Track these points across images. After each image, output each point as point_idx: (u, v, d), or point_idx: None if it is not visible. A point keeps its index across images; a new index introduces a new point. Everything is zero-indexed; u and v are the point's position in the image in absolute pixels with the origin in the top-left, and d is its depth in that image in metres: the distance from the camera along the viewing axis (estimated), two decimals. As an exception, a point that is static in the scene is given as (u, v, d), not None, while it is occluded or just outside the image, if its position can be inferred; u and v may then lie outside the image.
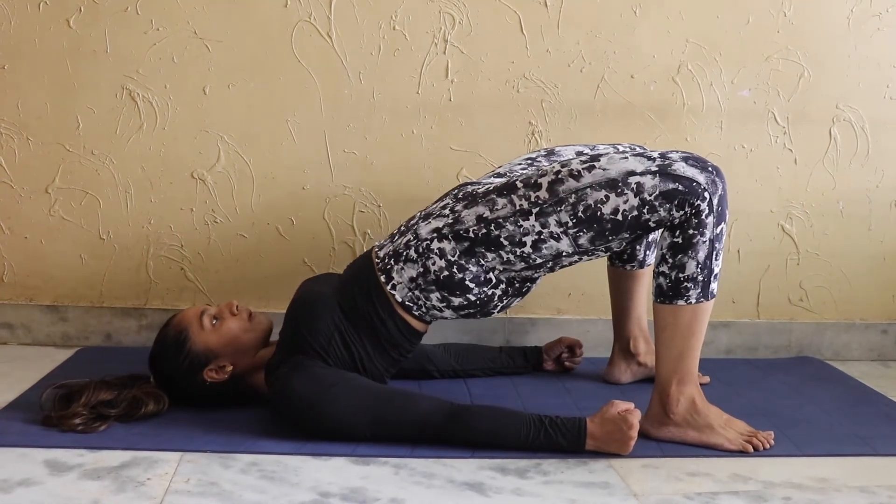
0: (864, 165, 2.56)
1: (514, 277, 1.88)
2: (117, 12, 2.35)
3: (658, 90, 2.48)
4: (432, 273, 1.85)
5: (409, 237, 1.90)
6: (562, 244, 1.82)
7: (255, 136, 2.42)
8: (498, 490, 1.63)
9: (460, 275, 1.85)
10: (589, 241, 1.82)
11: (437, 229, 1.87)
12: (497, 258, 1.84)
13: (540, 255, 1.84)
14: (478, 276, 1.85)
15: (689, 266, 1.80)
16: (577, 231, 1.80)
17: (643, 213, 1.78)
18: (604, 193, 1.79)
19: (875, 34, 2.51)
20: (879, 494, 1.66)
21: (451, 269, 1.85)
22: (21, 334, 2.45)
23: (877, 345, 2.63)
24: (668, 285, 1.82)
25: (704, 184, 1.77)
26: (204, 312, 1.93)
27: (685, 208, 1.77)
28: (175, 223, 2.44)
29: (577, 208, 1.80)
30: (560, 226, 1.81)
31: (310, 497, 1.57)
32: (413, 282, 1.87)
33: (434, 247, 1.85)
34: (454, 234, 1.85)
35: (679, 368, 1.83)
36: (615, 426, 1.76)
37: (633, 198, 1.78)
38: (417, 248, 1.87)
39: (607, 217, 1.79)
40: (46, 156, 2.40)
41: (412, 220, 1.95)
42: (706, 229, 1.79)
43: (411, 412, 1.78)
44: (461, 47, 2.42)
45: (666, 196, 1.77)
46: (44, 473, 1.62)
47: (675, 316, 1.82)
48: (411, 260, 1.87)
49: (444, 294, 1.86)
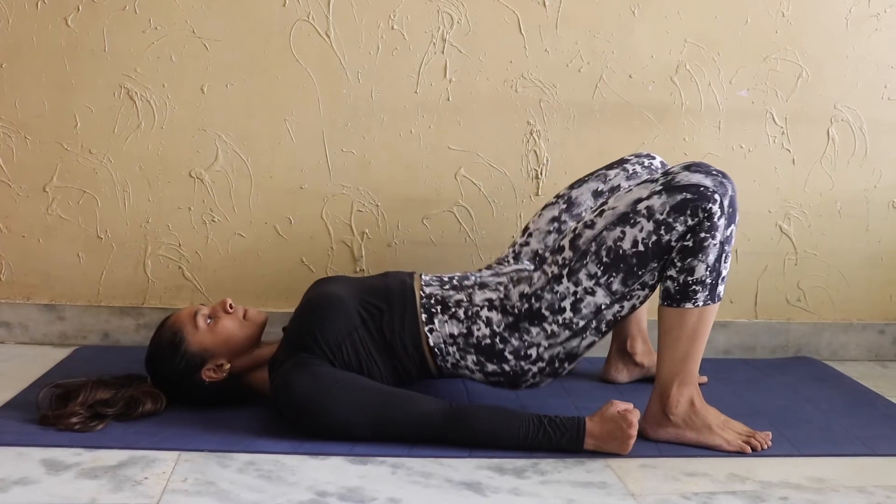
0: (862, 166, 2.56)
1: (558, 354, 1.87)
2: (115, 11, 2.35)
3: (656, 90, 2.48)
4: (475, 337, 1.87)
5: (461, 297, 1.91)
6: (598, 297, 1.82)
7: (253, 135, 2.42)
8: (495, 490, 1.63)
9: (501, 346, 1.87)
10: (622, 284, 1.81)
11: (489, 300, 1.89)
12: (541, 332, 1.85)
13: (581, 316, 1.84)
14: (518, 350, 1.86)
15: (699, 269, 1.79)
16: (608, 278, 1.81)
17: (662, 236, 1.78)
18: (619, 230, 1.80)
19: (873, 35, 2.51)
20: (877, 494, 1.66)
21: (494, 338, 1.87)
22: (18, 333, 2.45)
23: (874, 345, 2.63)
24: (676, 289, 1.81)
25: (712, 186, 1.77)
26: (198, 312, 1.92)
27: (698, 214, 1.76)
28: (173, 222, 2.44)
29: (600, 255, 1.80)
30: (591, 278, 1.81)
31: (307, 496, 1.57)
32: (453, 338, 1.88)
33: (483, 314, 1.88)
34: (502, 308, 1.87)
35: (682, 370, 1.83)
36: (615, 425, 1.76)
37: (647, 223, 1.78)
38: (467, 312, 1.89)
39: (630, 252, 1.79)
40: (44, 155, 2.40)
41: (467, 282, 1.96)
42: (717, 231, 1.78)
43: (411, 412, 1.78)
44: (459, 47, 2.42)
45: (677, 209, 1.76)
46: (41, 472, 1.62)
47: (682, 319, 1.81)
48: (458, 319, 1.88)
49: (480, 358, 1.88)
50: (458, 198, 2.48)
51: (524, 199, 2.49)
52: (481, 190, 2.48)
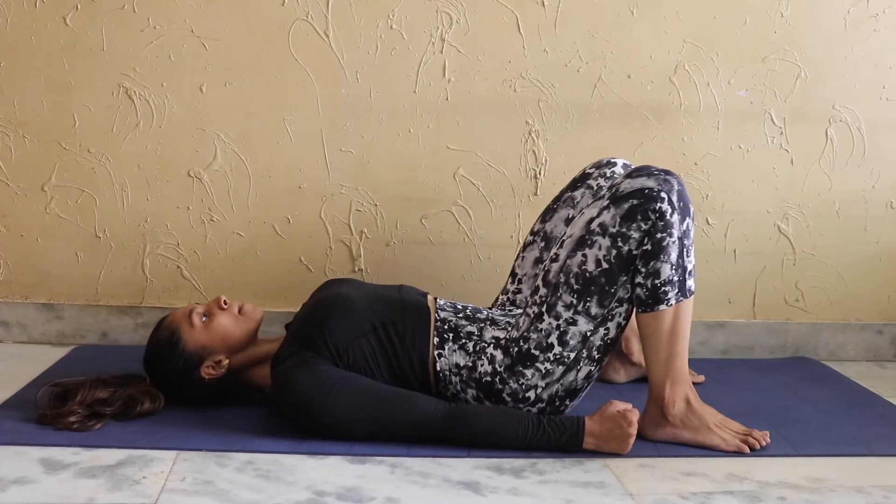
0: (861, 166, 2.56)
1: (557, 392, 1.88)
2: (114, 10, 2.35)
3: (655, 90, 2.48)
4: (478, 372, 1.88)
5: (473, 329, 1.91)
6: (580, 325, 1.83)
7: (251, 134, 2.42)
8: (494, 489, 1.63)
9: (500, 386, 1.87)
10: (598, 306, 1.82)
11: (496, 338, 1.90)
12: (536, 373, 1.85)
13: (570, 348, 1.84)
14: (516, 392, 1.86)
15: (664, 270, 1.80)
16: (584, 304, 1.82)
17: (621, 247, 1.79)
18: (580, 255, 1.82)
19: (872, 35, 2.51)
20: (874, 494, 1.67)
21: (495, 377, 1.87)
22: (17, 332, 2.45)
23: (872, 345, 2.63)
24: (647, 294, 1.82)
25: (656, 186, 1.78)
26: (193, 311, 1.92)
27: (649, 217, 1.78)
28: (171, 221, 2.44)
29: (570, 283, 1.82)
30: (568, 308, 1.82)
31: (305, 496, 1.57)
32: (458, 368, 1.89)
33: (489, 352, 1.88)
34: (504, 349, 1.87)
35: (670, 370, 1.84)
36: (615, 424, 1.76)
37: (604, 239, 1.80)
38: (476, 346, 1.89)
39: (595, 272, 1.81)
40: (43, 154, 2.40)
41: (480, 315, 1.97)
42: (673, 228, 1.79)
43: (410, 412, 1.78)
44: (458, 47, 2.42)
45: (627, 217, 1.78)
46: (39, 472, 1.62)
47: (658, 321, 1.82)
48: (466, 350, 1.89)
49: (480, 395, 1.88)
50: (456, 197, 2.48)
51: (523, 198, 2.49)
52: (480, 190, 2.48)
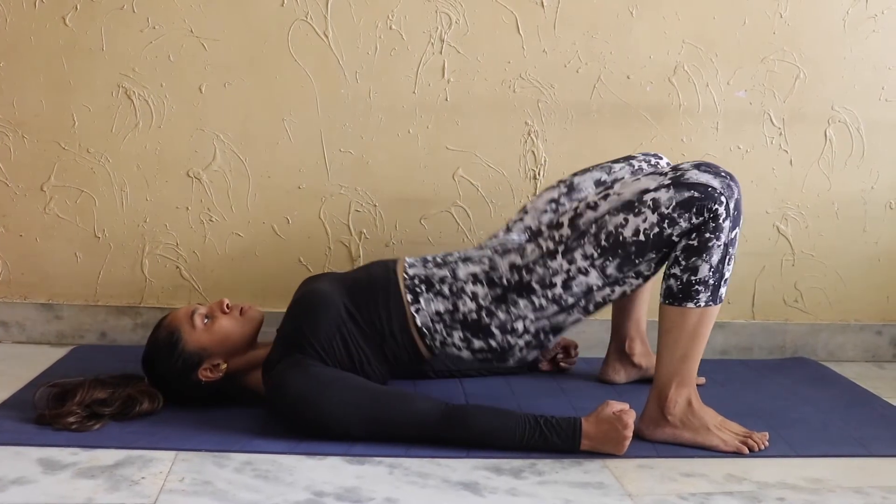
0: (860, 167, 2.57)
1: (543, 327, 1.87)
2: (113, 10, 2.35)
3: (654, 91, 2.48)
4: (460, 313, 1.86)
5: (445, 272, 1.90)
6: (591, 278, 1.82)
7: (251, 135, 2.42)
8: (493, 490, 1.63)
9: (487, 320, 1.85)
10: (617, 269, 1.81)
11: (474, 273, 1.88)
12: (529, 305, 1.84)
13: (571, 293, 1.83)
14: (504, 323, 1.85)
15: (702, 269, 1.79)
16: (604, 261, 1.81)
17: (664, 229, 1.78)
18: (622, 217, 1.79)
19: (871, 36, 2.51)
20: (873, 495, 1.67)
21: (480, 312, 1.85)
22: (15, 332, 2.45)
23: (871, 346, 2.63)
24: (679, 287, 1.81)
25: (720, 188, 1.77)
26: (195, 312, 1.92)
27: (703, 214, 1.77)
28: (171, 222, 2.44)
29: (599, 237, 1.80)
30: (586, 259, 1.81)
31: (304, 496, 1.57)
32: (439, 315, 1.87)
33: (468, 289, 1.87)
34: (489, 280, 1.86)
35: (680, 371, 1.84)
36: (610, 426, 1.76)
37: (652, 214, 1.78)
38: (452, 287, 1.88)
39: (630, 240, 1.79)
40: (42, 154, 2.40)
41: (450, 257, 1.95)
42: (722, 233, 1.78)
43: (407, 412, 1.78)
44: (458, 47, 2.42)
45: (683, 205, 1.77)
46: (38, 472, 1.62)
47: (683, 318, 1.82)
48: (443, 295, 1.87)
49: (466, 334, 1.87)
50: (455, 198, 2.48)
51: (522, 199, 2.48)
52: (479, 190, 2.48)
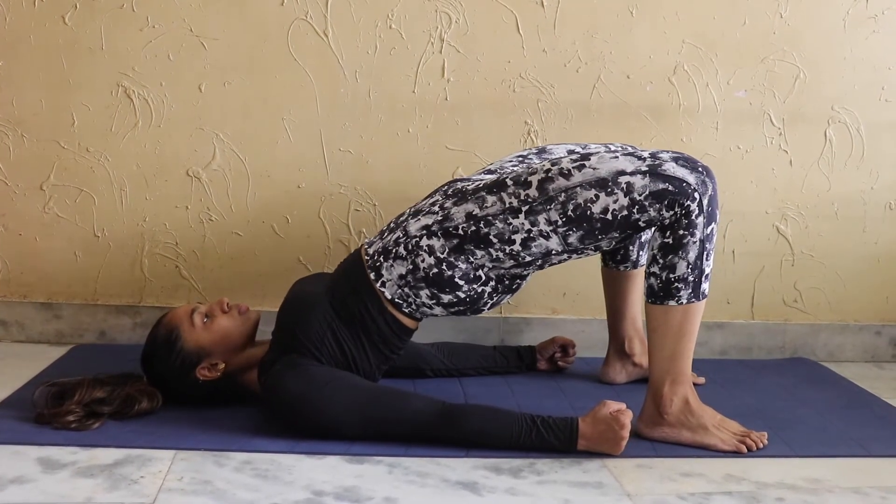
0: (859, 167, 2.57)
1: (504, 275, 1.88)
2: (113, 9, 2.35)
3: (654, 91, 2.48)
4: (421, 270, 1.85)
5: (398, 234, 1.89)
6: (551, 243, 1.82)
7: (250, 134, 2.42)
8: (492, 489, 1.63)
9: (449, 272, 1.84)
10: (578, 241, 1.82)
11: (426, 226, 1.86)
12: (486, 255, 1.84)
13: (529, 253, 1.83)
14: (467, 273, 1.85)
15: (680, 266, 1.80)
16: (567, 230, 1.80)
17: (633, 213, 1.78)
18: (593, 192, 1.79)
19: (871, 36, 2.51)
20: (872, 495, 1.67)
21: (441, 266, 1.84)
22: (15, 331, 2.45)
23: (870, 346, 2.63)
24: (659, 286, 1.82)
25: (694, 184, 1.77)
26: (195, 311, 1.92)
27: (675, 208, 1.77)
28: (170, 221, 2.44)
29: (566, 207, 1.79)
30: (549, 224, 1.80)
31: (303, 496, 1.57)
32: (402, 279, 1.86)
33: (423, 244, 1.85)
34: (443, 232, 1.84)
35: (672, 369, 1.84)
36: (607, 426, 1.76)
37: (623, 197, 1.78)
38: (407, 246, 1.86)
39: (597, 216, 1.79)
40: (41, 153, 2.40)
41: (401, 217, 1.94)
42: (696, 230, 1.79)
43: (403, 411, 1.78)
44: (457, 46, 2.42)
45: (656, 196, 1.77)
46: (37, 471, 1.62)
47: (667, 316, 1.82)
48: (400, 257, 1.86)
49: (433, 291, 1.86)
50: (455, 197, 2.48)
51: (521, 199, 2.48)
52: (479, 190, 2.48)
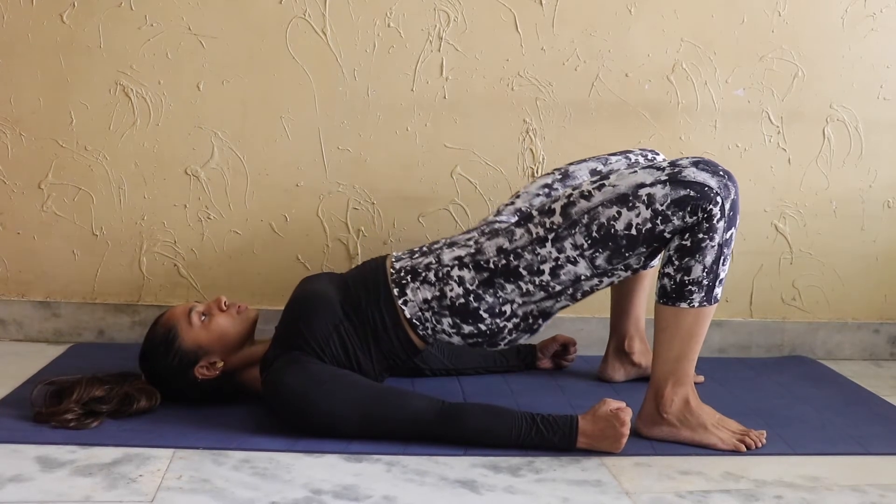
0: (858, 165, 2.57)
1: (531, 311, 1.87)
2: (111, 8, 2.34)
3: (653, 89, 2.48)
4: (448, 299, 1.86)
5: (430, 259, 1.90)
6: (579, 268, 1.81)
7: (249, 132, 2.42)
8: (490, 488, 1.63)
9: (475, 304, 1.85)
10: (606, 261, 1.81)
11: (458, 257, 1.88)
12: (516, 290, 1.84)
13: (559, 281, 1.83)
14: (493, 307, 1.85)
15: (696, 270, 1.79)
16: (594, 252, 1.80)
17: (657, 225, 1.77)
18: (615, 209, 1.78)
19: (869, 34, 2.51)
20: (870, 493, 1.67)
21: (468, 297, 1.85)
22: (13, 330, 2.45)
23: (869, 344, 2.63)
24: (672, 287, 1.81)
25: (716, 188, 1.76)
26: (192, 309, 1.92)
27: (698, 213, 1.76)
28: (168, 219, 2.44)
29: (590, 228, 1.79)
30: (576, 249, 1.80)
31: (302, 494, 1.57)
32: (427, 303, 1.87)
33: (454, 274, 1.86)
34: (475, 264, 1.86)
35: (676, 370, 1.84)
36: (607, 424, 1.76)
37: (646, 210, 1.77)
38: (437, 273, 1.87)
39: (621, 233, 1.78)
40: (39, 151, 2.39)
41: (436, 245, 1.96)
42: (716, 234, 1.78)
43: (403, 410, 1.78)
44: (456, 45, 2.42)
45: (678, 203, 1.76)
46: (35, 470, 1.61)
47: (677, 318, 1.82)
48: (429, 282, 1.87)
49: (456, 320, 1.87)
50: (453, 196, 2.48)
51: (520, 197, 2.48)
52: (477, 188, 2.48)
